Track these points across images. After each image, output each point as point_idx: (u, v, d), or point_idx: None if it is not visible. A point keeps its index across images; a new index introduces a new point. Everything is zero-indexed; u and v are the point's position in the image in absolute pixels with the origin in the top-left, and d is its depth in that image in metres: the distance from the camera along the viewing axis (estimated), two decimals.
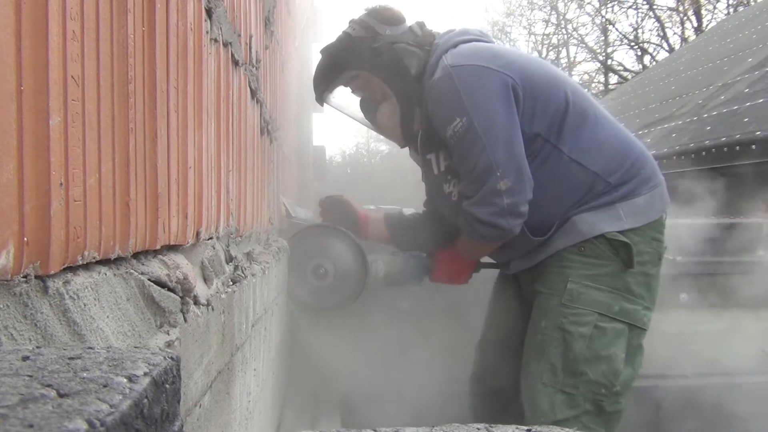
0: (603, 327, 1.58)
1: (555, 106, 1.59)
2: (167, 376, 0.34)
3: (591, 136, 1.62)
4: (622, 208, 1.60)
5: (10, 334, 0.40)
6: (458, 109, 1.52)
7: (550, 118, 1.58)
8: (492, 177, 1.51)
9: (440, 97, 1.57)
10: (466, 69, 1.55)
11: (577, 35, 18.89)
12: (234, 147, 1.14)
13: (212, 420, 0.82)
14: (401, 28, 1.72)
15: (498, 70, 1.54)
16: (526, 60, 1.65)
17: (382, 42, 1.68)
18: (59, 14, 0.44)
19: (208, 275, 0.88)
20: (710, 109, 5.36)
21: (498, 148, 1.50)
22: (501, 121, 1.51)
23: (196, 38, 0.82)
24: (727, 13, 14.30)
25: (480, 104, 1.51)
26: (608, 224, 1.59)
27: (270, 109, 1.75)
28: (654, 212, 1.63)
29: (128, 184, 0.58)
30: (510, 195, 1.51)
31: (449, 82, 1.54)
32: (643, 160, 1.67)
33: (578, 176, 1.60)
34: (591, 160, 1.60)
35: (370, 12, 1.74)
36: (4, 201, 0.39)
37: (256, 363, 1.27)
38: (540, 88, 1.59)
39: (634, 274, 1.59)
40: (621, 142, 1.66)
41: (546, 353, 1.61)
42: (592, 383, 1.57)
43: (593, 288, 1.59)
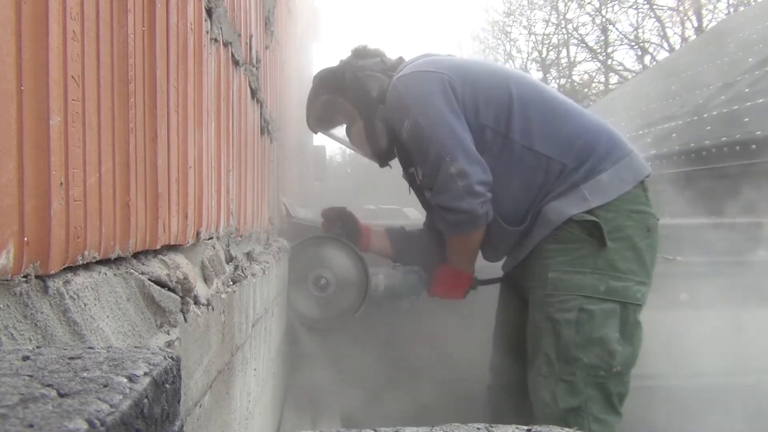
0: (590, 309, 1.58)
1: (498, 98, 1.67)
2: (167, 375, 0.34)
3: (539, 121, 1.66)
4: (586, 188, 1.62)
5: (10, 333, 0.40)
6: (403, 111, 1.66)
7: (494, 110, 1.66)
8: (443, 164, 1.59)
9: (390, 105, 1.74)
10: (406, 77, 1.70)
11: (577, 35, 18.88)
12: (234, 147, 1.14)
13: (212, 420, 0.82)
14: (372, 60, 1.90)
15: (434, 71, 1.67)
16: (465, 62, 1.77)
17: (349, 70, 1.88)
18: (59, 14, 0.44)
19: (209, 275, 0.88)
20: (710, 109, 5.36)
21: (442, 135, 1.60)
22: (440, 111, 1.61)
23: (196, 38, 0.82)
24: (727, 13, 14.30)
25: (420, 102, 1.64)
26: (574, 207, 1.61)
27: (270, 109, 1.76)
28: (623, 185, 1.63)
29: (128, 184, 0.58)
30: (463, 177, 1.58)
31: (394, 90, 1.71)
32: (597, 136, 1.68)
33: (533, 162, 1.65)
34: (542, 145, 1.64)
35: (353, 50, 1.96)
36: (4, 201, 0.39)
37: (256, 363, 1.27)
38: (479, 83, 1.68)
39: (618, 250, 1.59)
40: (572, 125, 1.68)
41: (540, 345, 1.64)
42: (588, 367, 1.58)
43: (574, 272, 1.60)
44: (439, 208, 1.65)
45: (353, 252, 1.90)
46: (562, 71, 20.52)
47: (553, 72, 20.89)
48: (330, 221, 2.04)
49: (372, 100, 1.84)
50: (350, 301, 1.92)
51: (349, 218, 2.03)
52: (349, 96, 1.87)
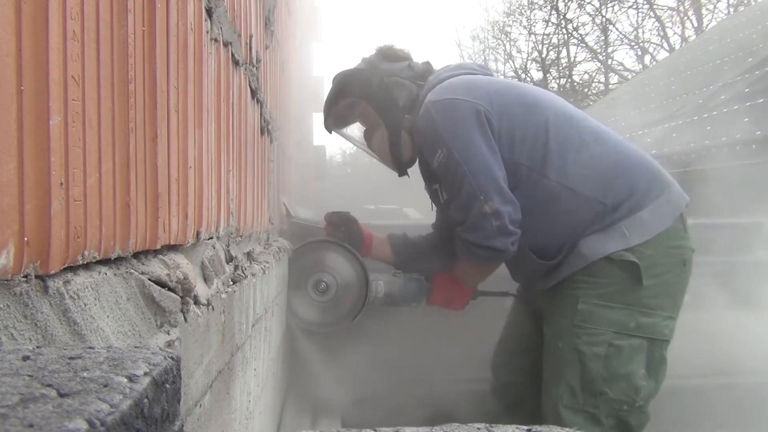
0: (618, 345, 1.56)
1: (534, 134, 1.61)
2: (167, 375, 0.34)
3: (577, 160, 1.61)
4: (625, 225, 1.58)
5: (10, 333, 0.40)
6: (437, 141, 1.61)
7: (529, 147, 1.60)
8: (477, 202, 1.56)
9: (421, 132, 1.68)
10: (441, 103, 1.63)
11: (577, 35, 18.88)
12: (234, 147, 1.14)
13: (212, 420, 0.82)
14: (400, 64, 1.83)
15: (471, 100, 1.60)
16: (503, 90, 1.68)
17: (376, 74, 1.81)
18: (59, 14, 0.44)
19: (209, 275, 0.88)
20: (710, 109, 5.36)
21: (478, 173, 1.56)
22: (478, 147, 1.57)
23: (196, 38, 0.82)
24: (727, 13, 14.29)
25: (456, 134, 1.58)
26: (612, 244, 1.58)
27: (270, 109, 1.76)
28: (663, 221, 1.60)
29: (128, 183, 0.58)
30: (497, 217, 1.55)
31: (427, 116, 1.64)
32: (638, 172, 1.63)
33: (570, 200, 1.60)
34: (580, 184, 1.60)
35: (378, 50, 1.88)
36: (4, 201, 0.39)
37: (256, 363, 1.27)
38: (516, 118, 1.62)
39: (650, 287, 1.57)
40: (611, 162, 1.63)
41: (564, 375, 1.62)
42: (612, 401, 1.57)
43: (604, 306, 1.58)
44: (468, 243, 1.62)
45: (354, 257, 1.90)
46: (562, 71, 20.51)
47: (553, 72, 20.88)
48: (333, 226, 2.02)
49: (399, 110, 1.78)
50: (349, 307, 1.91)
51: (352, 223, 2.01)
52: (375, 103, 1.81)
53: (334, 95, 1.87)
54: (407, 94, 1.79)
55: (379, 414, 2.17)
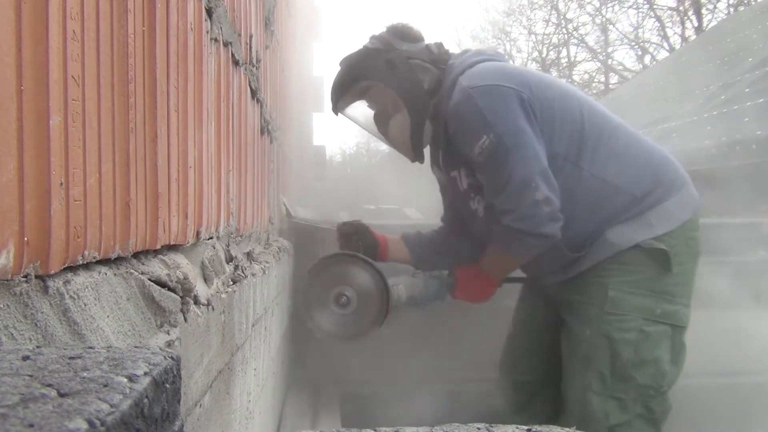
0: (647, 331, 1.60)
1: (571, 125, 1.63)
2: (167, 375, 0.34)
3: (608, 150, 1.64)
4: (652, 215, 1.62)
5: (10, 333, 0.40)
6: (483, 126, 1.56)
7: (567, 138, 1.62)
8: (528, 189, 1.54)
9: (463, 117, 1.61)
10: (485, 88, 1.58)
11: (577, 35, 18.88)
12: (234, 147, 1.14)
13: (212, 420, 0.82)
14: (418, 46, 1.75)
15: (514, 87, 1.57)
16: (539, 79, 1.68)
17: (397, 55, 1.71)
18: (59, 14, 0.44)
19: (209, 275, 0.88)
20: (710, 109, 5.36)
21: (529, 160, 1.54)
22: (527, 134, 1.55)
23: (196, 38, 0.82)
24: (727, 13, 14.29)
25: (505, 120, 1.55)
26: (640, 233, 1.61)
27: (270, 109, 1.76)
28: (685, 213, 1.65)
29: (128, 183, 0.58)
30: (548, 204, 1.54)
31: (470, 101, 1.58)
32: (664, 165, 1.69)
33: (602, 191, 1.63)
34: (612, 174, 1.63)
35: (389, 28, 1.78)
36: (4, 201, 0.39)
37: (256, 363, 1.28)
38: (555, 108, 1.62)
39: (673, 275, 1.62)
40: (639, 153, 1.68)
41: (593, 362, 1.64)
42: (641, 387, 1.60)
43: (634, 293, 1.61)
44: (517, 231, 1.59)
45: (371, 267, 1.88)
46: (562, 71, 20.51)
47: (553, 72, 20.88)
48: (345, 236, 1.99)
49: (424, 95, 1.71)
50: (373, 317, 1.91)
51: (365, 231, 1.98)
52: (398, 86, 1.71)
53: (350, 76, 1.76)
54: (431, 79, 1.72)
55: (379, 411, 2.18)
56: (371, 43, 1.77)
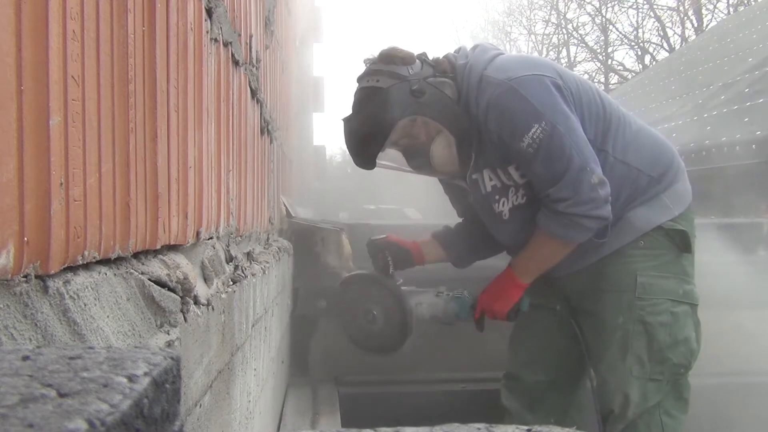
0: (676, 312, 1.67)
1: (596, 111, 1.67)
2: (167, 375, 0.34)
3: (627, 135, 1.70)
4: (666, 197, 1.69)
5: (10, 333, 0.40)
6: (534, 116, 1.53)
7: (594, 124, 1.65)
8: (586, 174, 1.55)
9: (508, 109, 1.56)
10: (525, 79, 1.56)
11: (577, 35, 18.89)
12: (234, 147, 1.14)
13: (212, 420, 0.82)
14: (418, 65, 1.68)
15: (550, 75, 1.59)
16: (561, 67, 1.75)
17: (416, 82, 1.63)
18: (59, 14, 0.44)
19: (209, 275, 0.88)
20: (710, 109, 5.36)
21: (583, 145, 1.57)
22: (573, 119, 1.58)
23: (196, 38, 0.82)
24: (727, 13, 14.30)
25: (554, 108, 1.55)
26: (660, 215, 1.68)
27: (270, 109, 1.76)
28: (689, 194, 1.75)
29: (128, 183, 0.58)
30: (602, 186, 1.57)
31: (513, 93, 1.55)
32: (669, 148, 1.78)
33: (626, 175, 1.67)
34: (633, 157, 1.68)
35: (383, 59, 1.67)
36: (4, 201, 0.39)
37: (256, 363, 1.28)
38: (582, 95, 1.65)
39: (687, 256, 1.70)
40: (649, 136, 1.76)
41: (631, 347, 1.68)
42: (675, 366, 1.68)
43: (660, 277, 1.67)
44: (577, 217, 1.57)
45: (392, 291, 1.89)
46: None
47: None
48: (372, 256, 1.96)
49: (457, 108, 1.66)
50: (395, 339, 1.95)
51: (392, 246, 1.94)
52: (433, 112, 1.64)
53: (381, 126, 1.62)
54: (452, 90, 1.66)
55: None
56: (377, 81, 1.64)
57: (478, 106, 1.62)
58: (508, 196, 1.70)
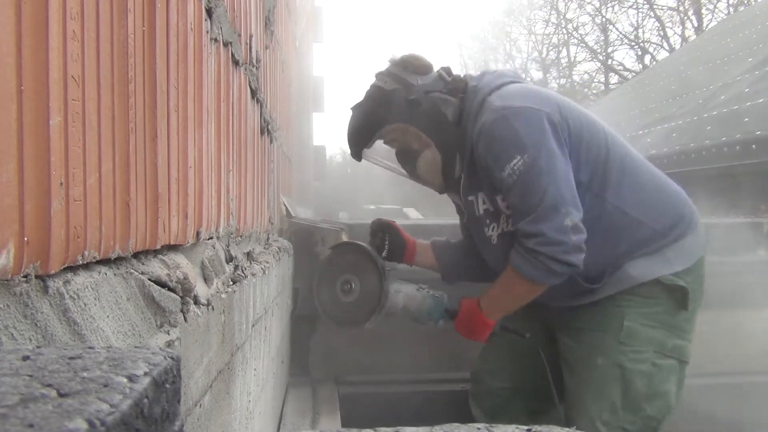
0: (659, 364, 1.61)
1: (596, 154, 1.61)
2: (167, 375, 0.34)
3: (631, 182, 1.63)
4: (670, 251, 1.62)
5: (10, 333, 0.40)
6: (518, 147, 1.52)
7: (592, 166, 1.60)
8: (559, 214, 1.50)
9: (496, 137, 1.56)
10: (520, 110, 1.56)
11: (577, 35, 18.90)
12: (234, 147, 1.14)
13: (212, 420, 0.82)
14: (431, 77, 1.71)
15: (549, 111, 1.56)
16: (567, 104, 1.66)
17: (417, 92, 1.67)
18: (59, 14, 0.44)
19: (209, 275, 0.88)
20: (710, 109, 5.36)
21: (562, 185, 1.51)
22: (559, 158, 1.53)
23: (196, 38, 0.82)
24: (727, 13, 14.31)
25: (540, 143, 1.52)
26: (660, 269, 1.61)
27: (270, 109, 1.76)
28: (699, 250, 1.67)
29: (128, 183, 0.58)
30: (575, 231, 1.51)
31: (505, 122, 1.55)
32: (683, 201, 1.69)
33: (623, 224, 1.61)
34: (634, 207, 1.61)
35: (398, 63, 1.73)
36: (4, 201, 0.39)
37: (256, 363, 1.28)
38: (582, 135, 1.60)
39: (684, 312, 1.63)
40: (660, 187, 1.68)
41: (605, 391, 1.63)
42: (648, 418, 1.61)
43: (649, 326, 1.61)
44: (542, 256, 1.53)
45: (379, 267, 1.89)
46: (562, 71, 20.53)
47: (553, 72, 20.90)
48: (372, 232, 1.98)
49: (451, 128, 1.67)
50: (364, 313, 1.92)
51: (394, 231, 1.96)
52: (423, 124, 1.67)
53: (373, 121, 1.70)
54: (453, 109, 1.68)
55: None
56: (385, 82, 1.71)
57: (474, 129, 1.62)
58: (498, 222, 1.68)
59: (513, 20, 20.61)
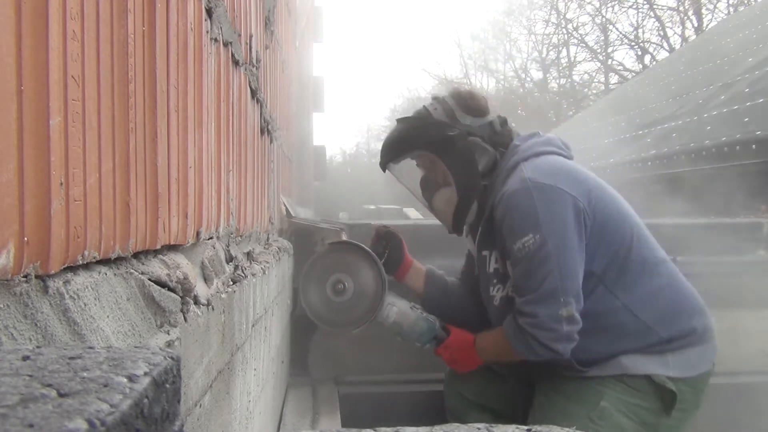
0: None
1: (617, 248, 1.57)
2: (167, 375, 0.34)
3: (648, 286, 1.59)
4: (671, 357, 1.58)
5: (10, 333, 0.40)
6: (532, 225, 1.51)
7: (609, 260, 1.56)
8: (556, 302, 1.49)
9: (515, 209, 1.55)
10: (546, 188, 1.53)
11: (577, 35, 18.91)
12: (234, 147, 1.14)
13: (212, 420, 0.82)
14: (481, 121, 1.69)
15: (576, 195, 1.52)
16: (601, 191, 1.61)
17: (459, 131, 1.65)
18: (59, 14, 0.44)
19: (209, 275, 0.88)
20: (710, 109, 5.36)
21: (567, 274, 1.49)
22: (573, 247, 1.50)
23: (196, 38, 0.82)
24: (727, 13, 14.31)
25: (556, 227, 1.50)
26: (654, 368, 1.57)
27: (270, 109, 1.76)
28: (704, 364, 1.61)
29: (128, 183, 0.58)
30: (570, 323, 1.49)
31: (527, 196, 1.53)
32: (699, 313, 1.63)
33: (630, 325, 1.57)
34: (646, 311, 1.57)
35: (456, 95, 1.71)
36: (5, 201, 0.39)
37: (256, 363, 1.28)
38: (607, 227, 1.56)
39: (670, 418, 1.57)
40: (677, 296, 1.63)
41: None
42: None
43: (624, 414, 1.56)
44: (530, 337, 1.53)
45: (380, 275, 1.86)
46: (562, 71, 20.53)
47: (553, 72, 20.91)
48: (377, 237, 1.95)
49: (477, 176, 1.65)
50: (354, 318, 1.88)
51: (397, 244, 1.93)
52: (452, 163, 1.66)
53: (407, 142, 1.71)
54: (487, 160, 1.67)
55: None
56: (435, 109, 1.70)
57: (500, 189, 1.61)
58: (504, 285, 1.66)
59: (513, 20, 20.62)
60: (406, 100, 24.04)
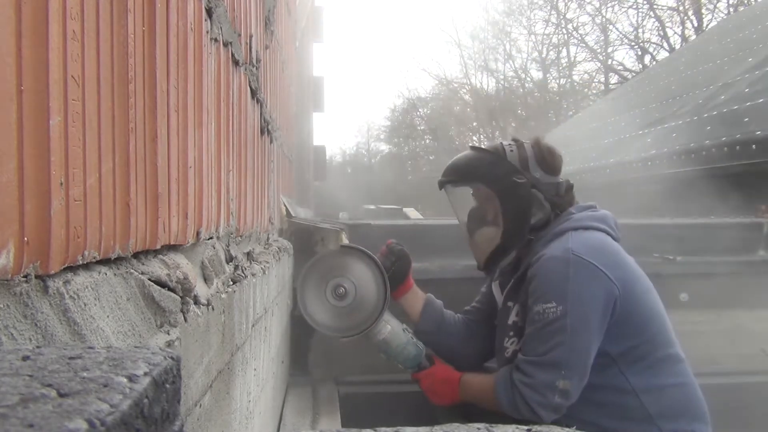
0: None
1: (638, 339, 1.56)
2: (167, 375, 0.34)
3: (661, 378, 1.58)
4: None
5: (10, 333, 0.40)
6: (559, 296, 1.51)
7: (627, 347, 1.56)
8: (557, 373, 1.50)
9: (548, 274, 1.56)
10: (585, 264, 1.53)
11: (577, 35, 18.91)
12: (234, 147, 1.14)
13: (212, 420, 0.82)
14: (551, 178, 1.71)
15: (612, 280, 1.52)
16: (638, 280, 1.61)
17: (525, 181, 1.68)
18: (59, 14, 0.44)
19: (209, 275, 0.88)
20: (710, 109, 5.36)
21: (576, 351, 1.50)
22: (591, 330, 1.50)
23: (196, 38, 0.82)
24: (727, 13, 14.31)
25: (581, 306, 1.50)
26: None
27: (270, 109, 1.76)
28: None
29: (128, 183, 0.58)
30: (563, 396, 1.50)
31: (563, 265, 1.53)
32: (700, 419, 1.62)
33: (632, 408, 1.56)
34: (651, 401, 1.56)
35: (536, 146, 1.73)
36: (4, 201, 0.39)
37: (256, 363, 1.28)
38: (635, 318, 1.56)
39: None
40: (685, 397, 1.62)
41: None
42: None
43: None
44: (521, 397, 1.54)
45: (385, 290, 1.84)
46: (562, 71, 20.54)
47: (553, 72, 20.91)
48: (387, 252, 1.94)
49: (525, 229, 1.68)
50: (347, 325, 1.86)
51: (405, 266, 1.93)
52: (507, 208, 1.69)
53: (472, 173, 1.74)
54: (541, 218, 1.69)
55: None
56: (512, 150, 1.72)
57: (541, 250, 1.62)
58: (519, 339, 1.65)
59: (513, 20, 20.62)
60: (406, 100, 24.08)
